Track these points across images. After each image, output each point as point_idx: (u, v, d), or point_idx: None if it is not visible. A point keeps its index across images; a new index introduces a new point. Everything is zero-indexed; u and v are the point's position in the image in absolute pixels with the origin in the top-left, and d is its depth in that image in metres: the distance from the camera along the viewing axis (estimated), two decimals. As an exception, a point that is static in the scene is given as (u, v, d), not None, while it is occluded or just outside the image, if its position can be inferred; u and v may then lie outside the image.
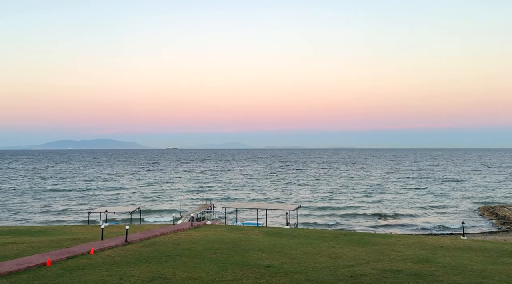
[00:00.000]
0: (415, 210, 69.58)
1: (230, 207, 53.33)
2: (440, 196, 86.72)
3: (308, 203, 75.41)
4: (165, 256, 23.57)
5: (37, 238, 31.42)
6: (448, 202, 79.22)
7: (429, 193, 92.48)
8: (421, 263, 22.62)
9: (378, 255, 24.99)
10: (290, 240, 30.87)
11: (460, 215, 65.32)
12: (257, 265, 21.54)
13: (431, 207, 72.94)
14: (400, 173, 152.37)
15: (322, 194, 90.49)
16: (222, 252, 25.07)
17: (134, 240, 29.40)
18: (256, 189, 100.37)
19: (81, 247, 26.05)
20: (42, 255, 23.44)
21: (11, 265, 20.31)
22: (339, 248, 27.40)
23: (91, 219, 54.38)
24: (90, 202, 79.18)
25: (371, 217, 63.73)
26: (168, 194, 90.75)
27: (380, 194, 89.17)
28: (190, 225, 39.35)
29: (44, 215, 65.59)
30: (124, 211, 54.39)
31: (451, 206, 73.82)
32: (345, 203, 76.26)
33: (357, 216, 64.18)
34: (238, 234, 33.70)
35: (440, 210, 69.66)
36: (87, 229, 39.09)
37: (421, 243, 30.80)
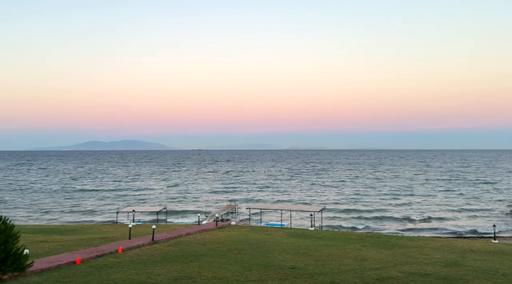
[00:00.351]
0: (444, 213, 67.87)
1: (255, 208, 53.41)
2: (471, 199, 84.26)
3: (333, 205, 74.68)
4: (191, 256, 23.83)
5: (67, 237, 32.33)
6: (479, 204, 76.88)
7: (460, 195, 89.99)
8: (450, 266, 22.05)
9: (405, 258, 24.52)
10: (314, 242, 30.65)
11: (491, 218, 63.28)
12: (281, 266, 21.50)
13: (461, 209, 70.97)
14: (429, 175, 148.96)
15: (348, 196, 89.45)
16: (247, 253, 25.14)
17: (160, 239, 29.85)
18: (281, 190, 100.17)
19: (109, 246, 26.64)
20: (72, 253, 24.10)
21: (42, 263, 20.97)
22: (365, 251, 27.03)
23: (119, 219, 55.52)
24: (118, 202, 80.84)
25: (399, 220, 62.53)
26: (193, 195, 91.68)
27: (409, 197, 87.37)
28: (215, 226, 39.64)
29: (74, 214, 67.39)
30: (151, 211, 55.31)
31: (482, 209, 71.62)
32: (371, 206, 75.08)
33: (384, 219, 63.11)
34: (263, 235, 33.72)
35: (470, 213, 67.70)
36: (115, 228, 39.94)
37: (450, 246, 30.03)
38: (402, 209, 71.58)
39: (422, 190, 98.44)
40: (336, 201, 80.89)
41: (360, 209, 71.48)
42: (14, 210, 69.99)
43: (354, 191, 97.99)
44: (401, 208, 72.18)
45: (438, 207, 73.41)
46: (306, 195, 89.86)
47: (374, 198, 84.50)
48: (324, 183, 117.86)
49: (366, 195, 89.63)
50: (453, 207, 72.87)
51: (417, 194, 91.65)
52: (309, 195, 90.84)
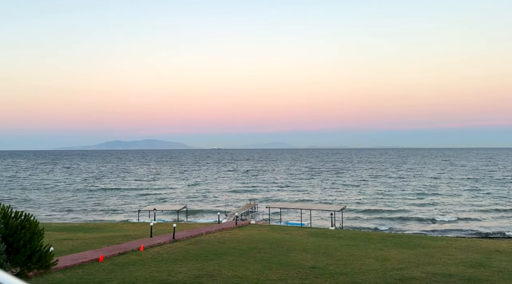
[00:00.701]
0: (469, 213, 66.29)
1: (274, 207, 53.33)
2: (497, 198, 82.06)
3: (354, 205, 73.90)
4: (211, 254, 23.96)
5: (90, 235, 32.96)
6: (506, 204, 74.82)
7: (486, 195, 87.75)
8: (475, 267, 21.52)
9: (428, 258, 24.05)
10: (335, 242, 30.40)
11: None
12: (302, 265, 21.39)
13: (488, 210, 69.18)
14: (453, 173, 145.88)
15: (369, 195, 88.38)
16: (267, 252, 25.12)
17: (181, 237, 30.12)
18: (300, 190, 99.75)
19: (131, 244, 27.03)
20: (95, 251, 24.55)
21: (66, 260, 21.43)
22: (387, 251, 26.64)
23: (141, 217, 56.30)
24: (139, 200, 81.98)
25: (422, 220, 61.39)
26: (212, 194, 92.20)
27: (432, 196, 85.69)
28: (234, 224, 39.76)
29: (96, 213, 68.68)
30: (171, 209, 55.87)
31: (510, 209, 69.69)
32: (394, 206, 73.97)
33: (407, 219, 62.03)
34: (282, 234, 33.64)
35: (497, 213, 65.91)
36: (137, 226, 40.53)
37: (474, 246, 29.32)
38: (426, 209, 70.28)
39: (446, 190, 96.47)
40: (357, 200, 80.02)
41: (382, 209, 70.52)
42: (38, 209, 71.79)
43: (376, 190, 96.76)
44: (425, 208, 70.85)
45: (463, 207, 71.76)
46: (326, 195, 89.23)
47: (397, 198, 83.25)
48: (345, 183, 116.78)
49: (388, 195, 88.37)
50: (478, 207, 71.12)
51: (441, 193, 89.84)
52: (330, 194, 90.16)
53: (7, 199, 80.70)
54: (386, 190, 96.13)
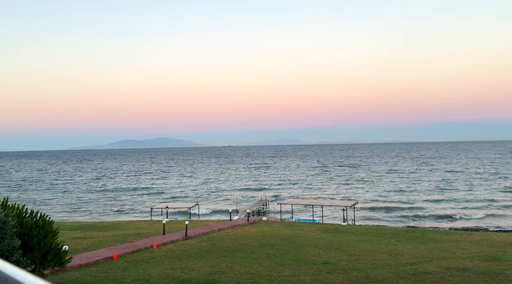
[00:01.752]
0: (486, 207, 65.52)
1: (286, 203, 53.33)
2: (508, 192, 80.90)
3: (367, 201, 73.54)
4: (223, 251, 24.08)
5: (104, 233, 33.35)
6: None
7: (503, 188, 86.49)
8: (490, 261, 21.28)
9: (442, 253, 23.86)
10: (347, 237, 30.31)
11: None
12: (314, 261, 21.38)
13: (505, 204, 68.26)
14: (468, 168, 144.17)
15: (382, 190, 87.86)
16: (279, 248, 25.15)
17: (193, 235, 30.31)
18: (312, 186, 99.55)
19: (144, 242, 27.29)
20: (109, 249, 24.85)
21: (81, 258, 21.73)
22: (400, 245, 26.49)
23: (153, 215, 56.75)
24: (152, 198, 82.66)
25: (436, 215, 60.88)
26: (224, 191, 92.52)
27: (447, 191, 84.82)
28: (246, 221, 39.87)
29: (110, 211, 69.42)
30: (184, 207, 56.21)
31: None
32: (407, 201, 73.44)
33: (421, 214, 61.57)
34: (294, 230, 33.64)
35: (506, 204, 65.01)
36: (150, 224, 40.88)
37: (489, 240, 28.98)
38: (440, 203, 69.58)
39: (461, 184, 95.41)
40: (369, 196, 79.61)
41: (394, 204, 70.05)
42: (53, 207, 72.80)
43: (388, 185, 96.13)
44: (439, 203, 70.11)
45: (478, 201, 70.88)
46: (338, 191, 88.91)
47: (410, 193, 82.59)
48: (356, 178, 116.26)
49: (401, 190, 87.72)
50: (495, 201, 70.22)
51: (456, 188, 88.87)
52: (342, 190, 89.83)
53: (21, 199, 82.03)
54: (399, 185, 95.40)
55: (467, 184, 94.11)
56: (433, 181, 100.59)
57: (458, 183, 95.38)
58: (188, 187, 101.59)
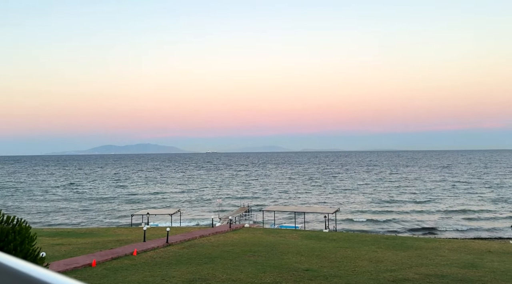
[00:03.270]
0: (462, 214, 66.84)
1: (268, 210, 53.33)
2: (488, 200, 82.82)
3: (348, 207, 74.17)
4: (205, 258, 23.90)
5: (83, 240, 32.73)
6: (495, 206, 75.56)
7: (478, 197, 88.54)
8: (467, 268, 21.69)
9: (421, 260, 24.20)
10: (329, 244, 30.47)
11: (509, 219, 62.10)
12: (296, 268, 21.42)
13: (480, 211, 69.79)
14: (450, 176, 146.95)
15: (363, 197, 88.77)
16: (261, 255, 25.11)
17: (174, 241, 30.02)
18: (295, 193, 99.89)
19: (124, 248, 26.89)
20: (88, 256, 24.39)
21: (59, 265, 21.27)
22: (380, 252, 26.76)
23: (134, 221, 56.01)
24: (132, 205, 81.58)
25: (416, 222, 61.81)
26: (207, 197, 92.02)
27: (427, 198, 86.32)
28: (228, 228, 39.71)
29: (89, 218, 68.19)
30: (165, 213, 55.64)
31: (499, 211, 70.36)
32: (389, 208, 74.44)
33: (401, 221, 62.42)
34: (276, 237, 33.65)
35: (489, 215, 66.50)
36: (130, 231, 40.32)
37: (467, 247, 29.55)
38: (420, 211, 70.68)
39: (441, 192, 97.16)
40: (351, 203, 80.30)
41: (376, 211, 70.84)
42: (31, 213, 71.14)
43: (370, 192, 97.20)
44: (419, 210, 71.25)
45: (455, 209, 72.26)
46: (320, 198, 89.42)
47: (392, 200, 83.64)
48: (338, 185, 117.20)
49: (383, 197, 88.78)
50: (471, 209, 71.70)
51: (435, 195, 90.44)
52: (324, 197, 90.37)
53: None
54: (380, 193, 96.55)
55: (447, 192, 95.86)
56: (414, 189, 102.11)
57: (438, 191, 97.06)
58: (170, 194, 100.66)
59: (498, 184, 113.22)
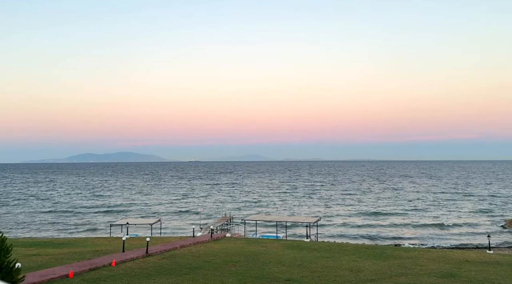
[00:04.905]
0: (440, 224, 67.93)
1: (250, 220, 53.16)
2: (464, 210, 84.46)
3: (330, 217, 74.54)
4: (185, 268, 23.62)
5: (60, 250, 31.97)
6: (473, 216, 77.09)
7: (454, 207, 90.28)
8: (446, 277, 22.01)
9: (401, 269, 24.45)
10: (310, 253, 30.52)
11: (485, 228, 63.41)
12: (277, 278, 21.36)
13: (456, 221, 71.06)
14: (430, 186, 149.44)
15: (345, 207, 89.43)
16: (242, 265, 24.97)
17: (154, 252, 29.59)
18: (277, 202, 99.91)
19: (102, 259, 26.36)
20: (65, 266, 23.81)
21: (34, 277, 20.69)
22: (360, 262, 26.94)
23: (113, 232, 55.00)
24: (111, 215, 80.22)
25: (396, 230, 62.53)
26: (188, 207, 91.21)
27: (405, 207, 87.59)
28: (209, 238, 39.39)
29: (67, 228, 66.72)
30: (145, 223, 54.86)
31: (475, 220, 71.80)
32: (369, 218, 75.13)
33: (382, 231, 63.02)
34: (258, 247, 33.53)
35: (465, 224, 67.77)
36: (108, 241, 39.56)
37: (445, 257, 30.01)
38: (399, 220, 71.55)
39: (420, 202, 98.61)
40: (332, 213, 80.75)
41: (356, 220, 71.38)
42: (6, 224, 69.22)
43: (352, 203, 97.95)
44: (397, 219, 72.12)
45: (433, 219, 73.41)
46: (302, 207, 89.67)
47: (374, 210, 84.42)
48: (321, 196, 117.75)
49: (365, 208, 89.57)
50: (450, 219, 72.96)
51: (415, 206, 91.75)
52: (305, 207, 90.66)
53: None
54: (363, 202, 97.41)
55: (427, 201, 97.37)
56: (396, 199, 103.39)
57: (418, 201, 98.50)
58: (150, 203, 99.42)
59: (476, 194, 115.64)
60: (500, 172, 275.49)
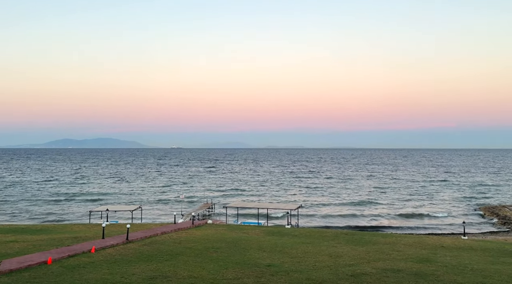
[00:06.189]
0: (417, 210, 69.52)
1: (231, 206, 53.37)
2: (439, 197, 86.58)
3: (310, 204, 75.40)
4: (166, 255, 23.60)
5: (38, 237, 31.51)
6: (449, 203, 79.12)
7: (428, 194, 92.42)
8: (422, 262, 22.61)
9: (378, 255, 24.98)
10: (290, 240, 30.88)
11: (461, 215, 65.21)
12: (258, 264, 21.56)
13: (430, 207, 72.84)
14: (402, 173, 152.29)
15: (326, 194, 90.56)
16: (223, 251, 25.10)
17: (135, 238, 29.45)
18: (259, 189, 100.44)
19: (82, 246, 26.11)
20: (43, 253, 23.50)
21: (12, 263, 20.37)
22: (339, 248, 27.41)
23: (92, 218, 54.48)
24: (91, 202, 79.32)
25: (374, 217, 63.75)
26: (169, 193, 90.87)
27: (385, 195, 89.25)
28: (191, 224, 39.41)
29: (45, 215, 65.71)
30: (126, 210, 54.48)
31: (452, 207, 73.74)
32: (348, 204, 76.30)
33: (361, 217, 64.18)
34: (239, 233, 33.73)
35: (440, 210, 69.51)
36: (88, 227, 39.17)
37: (421, 242, 30.78)
38: (378, 207, 72.91)
39: (394, 189, 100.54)
40: (314, 199, 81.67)
41: (337, 209, 72.41)
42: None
43: (333, 190, 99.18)
44: (377, 206, 73.50)
45: (413, 208, 75.01)
46: (284, 195, 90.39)
47: (352, 196, 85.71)
48: (303, 183, 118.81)
49: (345, 195, 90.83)
50: (426, 206, 74.69)
51: (390, 192, 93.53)
52: (287, 193, 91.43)
53: None
54: (343, 190, 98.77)
55: (405, 189, 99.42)
56: (373, 186, 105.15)
57: (395, 189, 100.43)
58: (131, 190, 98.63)
59: (455, 183, 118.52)
60: (479, 161, 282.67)
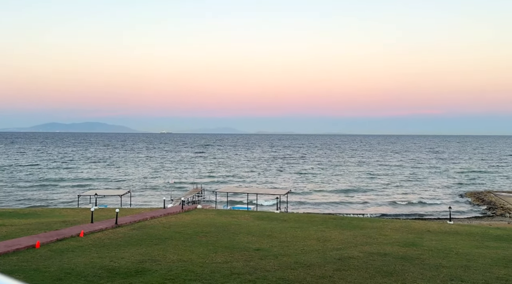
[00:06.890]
0: (404, 195, 70.52)
1: (221, 191, 53.50)
2: (425, 182, 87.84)
3: (300, 189, 75.94)
4: (156, 239, 23.66)
5: (26, 220, 31.33)
6: (436, 188, 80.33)
7: (416, 180, 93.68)
8: (408, 246, 23.01)
9: (365, 239, 25.34)
10: (279, 224, 31.14)
11: (446, 200, 66.31)
12: (247, 248, 21.74)
13: (418, 192, 73.92)
14: (391, 159, 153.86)
15: (315, 179, 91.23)
16: (212, 236, 25.23)
17: (124, 223, 29.44)
18: (249, 175, 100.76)
19: (70, 230, 26.03)
20: (31, 237, 23.39)
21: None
22: (327, 232, 27.73)
23: (81, 203, 54.24)
24: (80, 187, 78.85)
25: (362, 202, 64.54)
26: (159, 178, 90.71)
27: (373, 180, 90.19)
28: (180, 209, 39.48)
29: (33, 199, 65.23)
30: (115, 194, 54.30)
31: (439, 193, 74.91)
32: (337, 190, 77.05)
33: (348, 202, 64.91)
34: (228, 218, 33.91)
35: (426, 195, 70.62)
36: (76, 212, 39.03)
37: (408, 227, 31.29)
38: (367, 193, 73.72)
39: (383, 175, 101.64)
40: (303, 185, 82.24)
41: (325, 193, 73.08)
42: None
43: (323, 176, 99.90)
44: (366, 193, 74.29)
45: (400, 190, 76.06)
46: (274, 180, 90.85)
47: (341, 182, 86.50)
48: (293, 169, 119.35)
49: (335, 180, 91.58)
50: (414, 191, 75.76)
51: (379, 178, 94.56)
52: (277, 179, 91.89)
53: None
54: (333, 176, 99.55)
55: (393, 176, 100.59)
56: (363, 172, 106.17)
57: (385, 175, 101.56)
58: (121, 174, 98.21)
59: (442, 169, 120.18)
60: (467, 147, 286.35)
